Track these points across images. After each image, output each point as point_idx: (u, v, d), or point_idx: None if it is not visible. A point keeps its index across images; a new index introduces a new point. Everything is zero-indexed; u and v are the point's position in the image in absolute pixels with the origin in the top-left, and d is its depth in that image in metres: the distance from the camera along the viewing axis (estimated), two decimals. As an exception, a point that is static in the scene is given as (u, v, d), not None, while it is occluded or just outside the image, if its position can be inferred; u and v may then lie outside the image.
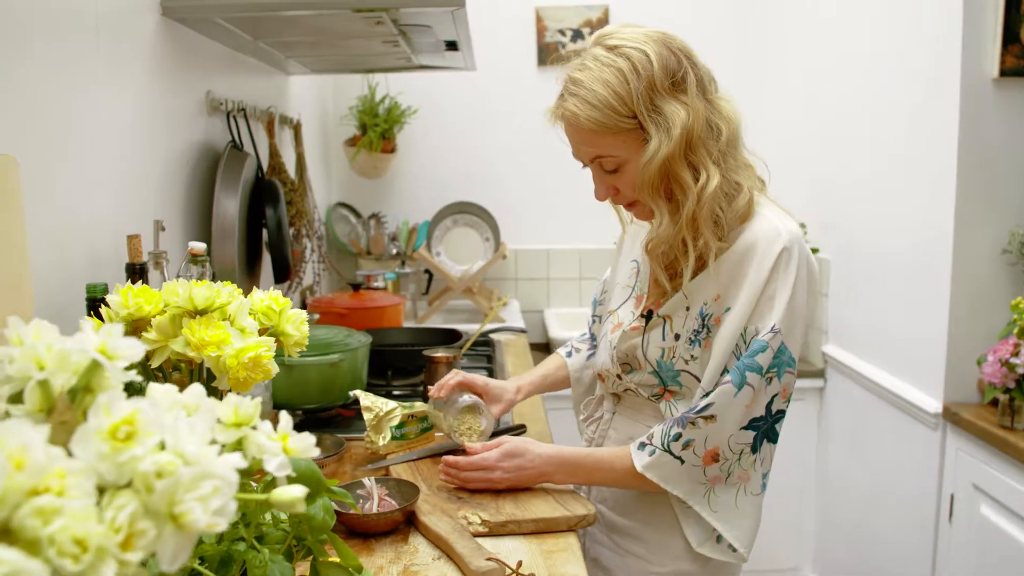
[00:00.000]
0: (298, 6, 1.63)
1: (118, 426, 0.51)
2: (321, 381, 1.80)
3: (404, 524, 1.33)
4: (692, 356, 1.30)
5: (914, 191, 2.33)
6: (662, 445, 1.27)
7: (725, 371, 1.26)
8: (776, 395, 1.25)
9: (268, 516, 0.94)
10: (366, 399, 1.62)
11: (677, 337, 1.32)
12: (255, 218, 2.02)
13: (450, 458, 1.42)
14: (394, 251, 3.28)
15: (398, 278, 3.09)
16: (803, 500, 3.03)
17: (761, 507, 1.31)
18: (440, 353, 1.92)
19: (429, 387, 1.90)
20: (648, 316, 1.36)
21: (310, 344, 1.82)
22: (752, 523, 1.29)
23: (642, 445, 1.30)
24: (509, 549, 1.25)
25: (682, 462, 1.26)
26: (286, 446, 0.64)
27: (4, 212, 1.06)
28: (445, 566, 1.20)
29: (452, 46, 2.17)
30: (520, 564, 1.16)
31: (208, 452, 0.53)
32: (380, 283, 2.83)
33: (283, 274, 2.05)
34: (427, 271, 3.23)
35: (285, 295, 2.68)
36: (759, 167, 1.35)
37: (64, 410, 0.56)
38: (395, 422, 1.61)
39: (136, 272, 1.37)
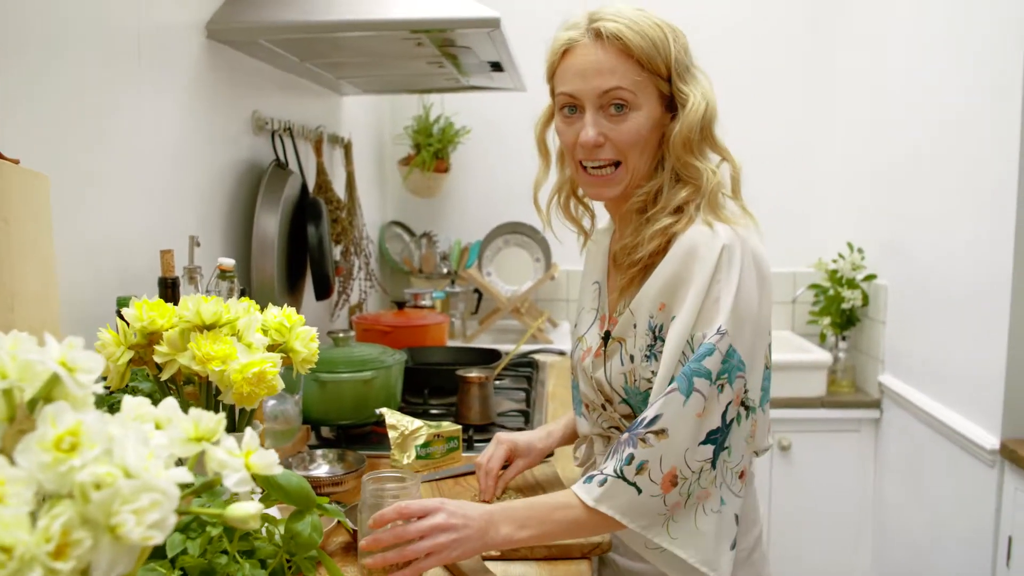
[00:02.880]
0: (335, 28, 1.67)
1: (62, 437, 0.53)
2: (354, 397, 1.81)
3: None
4: (653, 372, 1.23)
5: (976, 220, 2.24)
6: (615, 472, 1.15)
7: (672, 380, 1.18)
8: (730, 403, 1.16)
9: (264, 531, 0.95)
10: (391, 417, 1.62)
11: (632, 359, 1.25)
12: (300, 236, 2.06)
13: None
14: (445, 270, 3.30)
15: (447, 297, 3.11)
16: (859, 535, 2.92)
17: (725, 519, 1.18)
18: (473, 373, 1.92)
19: (461, 406, 1.92)
20: (606, 338, 1.32)
21: (345, 361, 1.85)
22: (711, 540, 1.17)
23: (590, 477, 1.17)
24: (519, 574, 1.23)
25: (639, 491, 1.14)
26: (248, 462, 0.65)
27: (35, 228, 1.11)
28: (451, 587, 1.20)
29: (497, 67, 2.19)
30: (524, 589, 1.15)
31: (150, 465, 0.54)
32: (427, 301, 2.85)
33: (324, 291, 2.08)
34: (476, 291, 3.25)
35: (332, 312, 2.69)
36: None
37: (23, 420, 0.57)
38: (420, 441, 1.62)
39: (168, 287, 1.41)
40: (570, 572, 1.25)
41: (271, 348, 1.11)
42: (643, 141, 1.24)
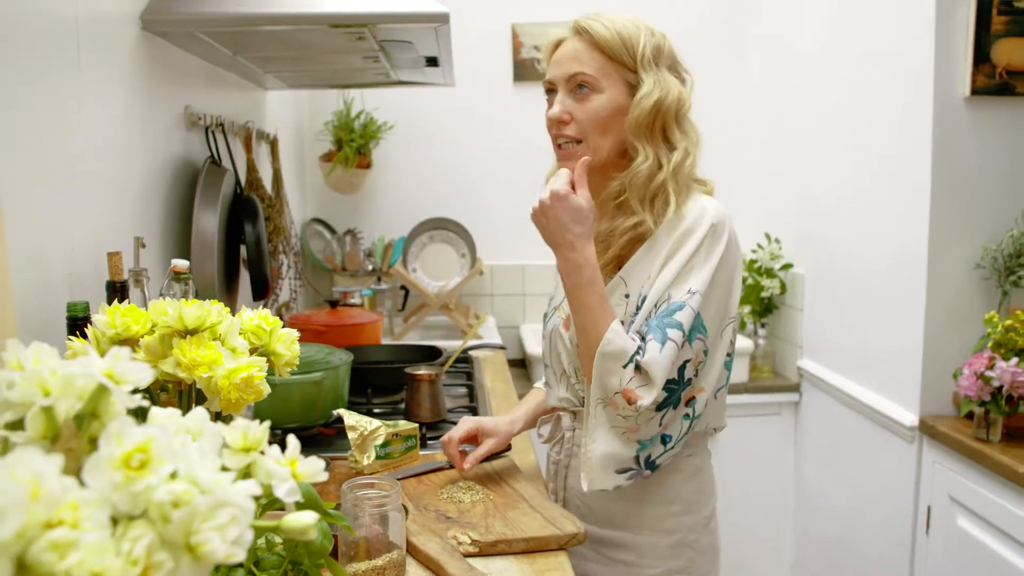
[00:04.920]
0: (280, 21, 1.62)
1: (131, 454, 0.50)
2: (303, 400, 1.78)
3: (393, 545, 1.31)
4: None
5: (890, 208, 2.36)
6: (638, 347, 1.28)
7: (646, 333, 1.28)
8: (688, 361, 1.27)
9: (263, 540, 0.92)
10: (350, 418, 1.60)
11: (620, 324, 1.32)
12: (233, 234, 2.00)
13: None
14: (370, 267, 3.26)
15: (374, 294, 3.07)
16: (781, 515, 3.04)
17: (628, 455, 1.31)
18: (422, 371, 1.91)
19: (411, 404, 1.90)
20: None
21: (291, 362, 1.80)
22: (607, 460, 1.30)
23: (636, 335, 1.31)
24: (499, 569, 1.24)
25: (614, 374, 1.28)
26: (295, 471, 0.63)
27: (-15, 230, 1.04)
28: (437, 588, 1.19)
29: (432, 62, 2.17)
30: (514, 585, 1.15)
31: (222, 480, 0.52)
32: (357, 300, 2.81)
33: (261, 291, 2.02)
34: (403, 287, 3.21)
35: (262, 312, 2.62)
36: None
37: (70, 437, 0.54)
38: (379, 441, 1.60)
39: (117, 290, 1.35)
40: (549, 564, 1.26)
41: (250, 352, 1.07)
42: (603, 121, 1.34)
